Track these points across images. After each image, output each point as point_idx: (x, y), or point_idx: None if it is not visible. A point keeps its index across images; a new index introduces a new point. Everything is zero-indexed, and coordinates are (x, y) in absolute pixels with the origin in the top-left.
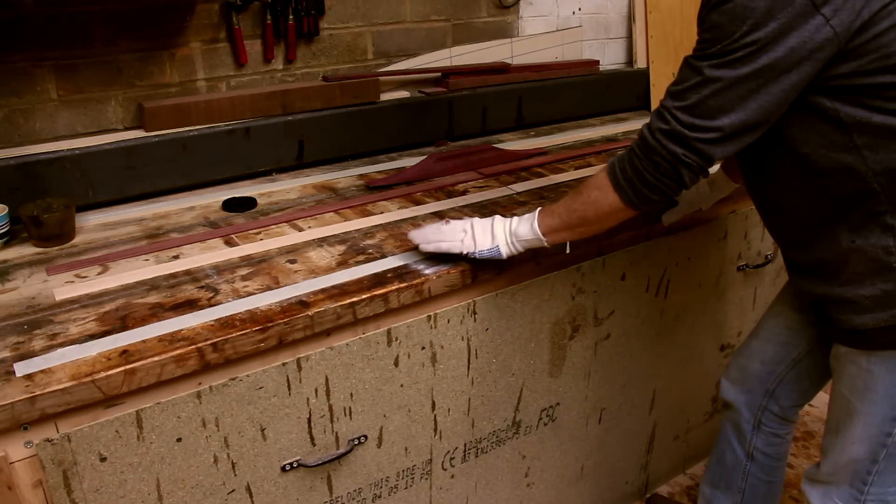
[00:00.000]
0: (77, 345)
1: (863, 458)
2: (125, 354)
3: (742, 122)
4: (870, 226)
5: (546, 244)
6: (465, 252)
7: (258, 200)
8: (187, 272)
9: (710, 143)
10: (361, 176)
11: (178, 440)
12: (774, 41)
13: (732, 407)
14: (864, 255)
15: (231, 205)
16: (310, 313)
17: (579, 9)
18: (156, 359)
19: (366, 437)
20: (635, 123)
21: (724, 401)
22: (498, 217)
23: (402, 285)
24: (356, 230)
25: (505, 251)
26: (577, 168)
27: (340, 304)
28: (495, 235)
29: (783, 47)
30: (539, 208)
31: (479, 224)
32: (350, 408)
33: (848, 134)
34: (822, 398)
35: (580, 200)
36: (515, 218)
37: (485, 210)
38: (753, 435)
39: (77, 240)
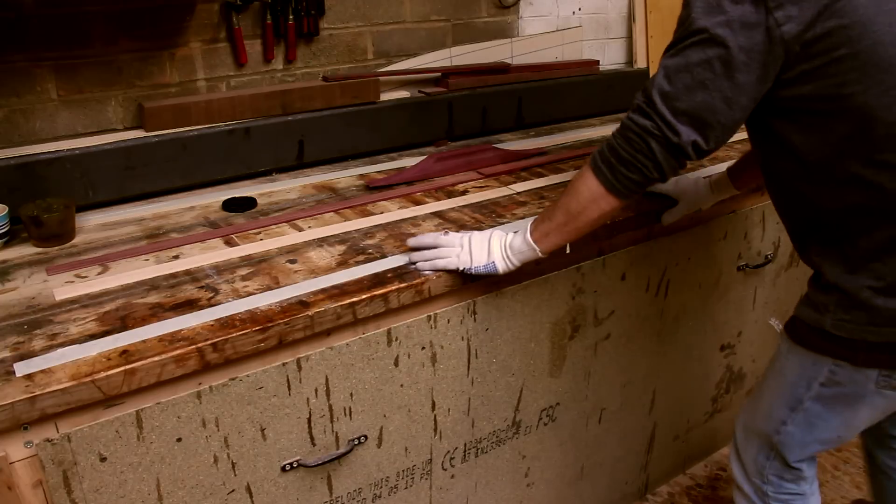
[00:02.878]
0: (77, 345)
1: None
2: (125, 354)
3: (692, 110)
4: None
5: (540, 254)
6: (461, 268)
7: (258, 200)
8: (187, 272)
9: (672, 124)
10: (361, 176)
11: (178, 440)
12: (721, 35)
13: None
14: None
15: (231, 205)
16: (310, 313)
17: (579, 9)
18: (156, 359)
19: (366, 437)
20: None
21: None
22: (496, 231)
23: (402, 285)
24: (356, 230)
25: (501, 267)
26: (576, 168)
27: (340, 304)
28: (491, 251)
29: (733, 42)
30: (533, 218)
31: (477, 239)
32: (350, 408)
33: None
34: None
35: (565, 194)
36: (511, 232)
37: (485, 210)
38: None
39: (77, 240)
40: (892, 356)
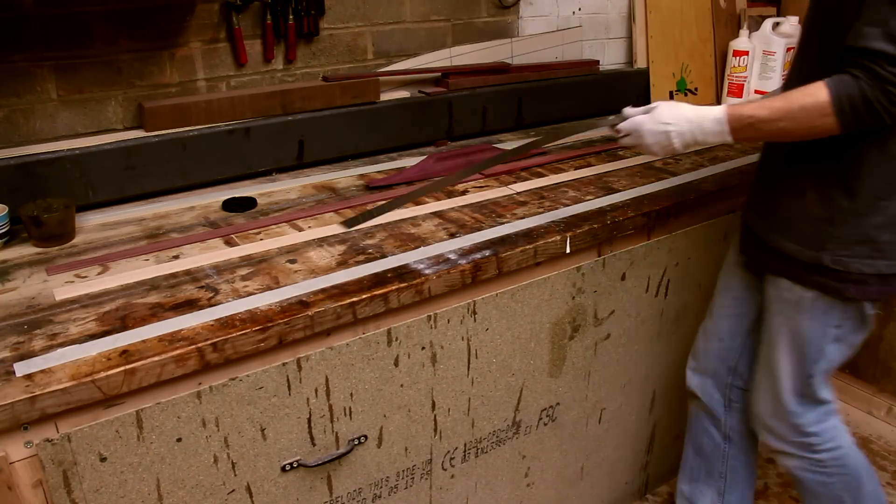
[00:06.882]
0: (77, 345)
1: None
2: (125, 354)
3: None
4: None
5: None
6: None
7: (258, 200)
8: (187, 272)
9: None
10: (361, 176)
11: (178, 440)
12: None
13: (701, 392)
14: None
15: (231, 205)
16: (310, 313)
17: (579, 9)
18: (156, 359)
19: (366, 437)
20: None
21: (691, 390)
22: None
23: (402, 285)
24: (356, 230)
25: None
26: (577, 168)
27: (340, 304)
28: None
29: None
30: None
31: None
32: (350, 408)
33: None
34: None
35: (790, 117)
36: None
37: (485, 210)
38: (726, 415)
39: (77, 240)
40: (878, 287)
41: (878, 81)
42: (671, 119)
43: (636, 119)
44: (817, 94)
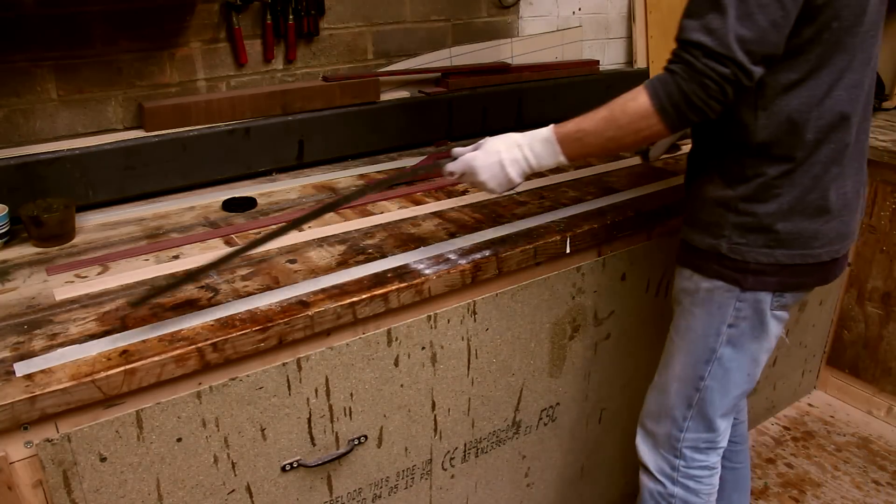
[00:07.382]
0: (77, 345)
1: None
2: (125, 354)
3: (767, 52)
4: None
5: (563, 159)
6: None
7: (258, 200)
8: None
9: (750, 71)
10: (361, 176)
11: (178, 440)
12: None
13: None
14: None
15: (231, 205)
16: (310, 313)
17: (579, 9)
18: (156, 359)
19: (366, 437)
20: None
21: None
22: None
23: (402, 285)
24: (356, 230)
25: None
26: (577, 168)
27: (340, 304)
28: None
29: None
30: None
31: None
32: (350, 408)
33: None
34: (821, 398)
35: (615, 125)
36: (527, 149)
37: (485, 210)
38: None
39: (77, 240)
40: (779, 279)
41: (695, 73)
42: (501, 147)
43: (466, 157)
44: (637, 97)
